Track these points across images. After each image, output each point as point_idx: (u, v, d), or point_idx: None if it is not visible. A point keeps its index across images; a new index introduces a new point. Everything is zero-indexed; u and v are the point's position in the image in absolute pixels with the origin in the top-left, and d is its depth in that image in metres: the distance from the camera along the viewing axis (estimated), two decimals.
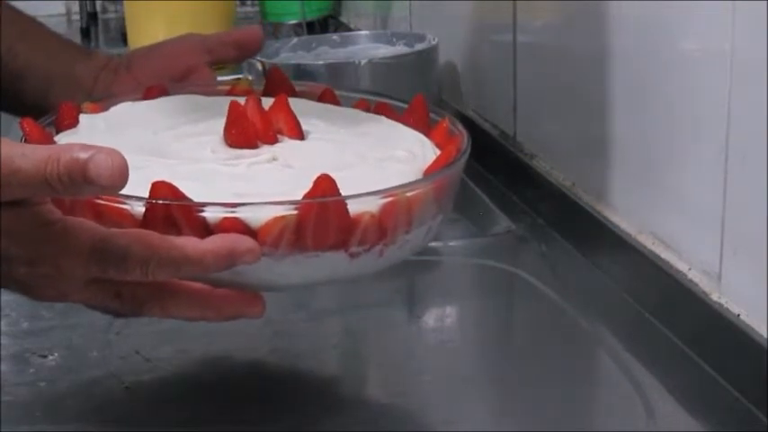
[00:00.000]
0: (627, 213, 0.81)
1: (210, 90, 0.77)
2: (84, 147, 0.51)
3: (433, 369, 0.70)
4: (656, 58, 0.75)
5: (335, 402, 0.67)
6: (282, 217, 0.56)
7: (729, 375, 0.65)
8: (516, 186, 0.99)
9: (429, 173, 0.63)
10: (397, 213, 0.58)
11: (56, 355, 0.72)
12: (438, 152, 0.66)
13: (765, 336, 0.63)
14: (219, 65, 0.83)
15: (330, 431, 0.63)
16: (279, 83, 0.76)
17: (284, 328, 0.75)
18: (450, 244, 0.90)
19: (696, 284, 0.70)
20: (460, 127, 0.68)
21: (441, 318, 0.81)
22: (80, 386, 0.68)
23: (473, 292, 0.86)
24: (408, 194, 0.59)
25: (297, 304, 0.77)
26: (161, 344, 0.72)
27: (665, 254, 0.75)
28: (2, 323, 0.75)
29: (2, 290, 0.57)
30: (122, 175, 0.51)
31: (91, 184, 0.50)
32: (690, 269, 0.72)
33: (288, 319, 0.76)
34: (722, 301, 0.68)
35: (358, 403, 0.66)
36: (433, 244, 0.88)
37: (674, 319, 0.71)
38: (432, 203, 0.61)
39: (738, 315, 0.66)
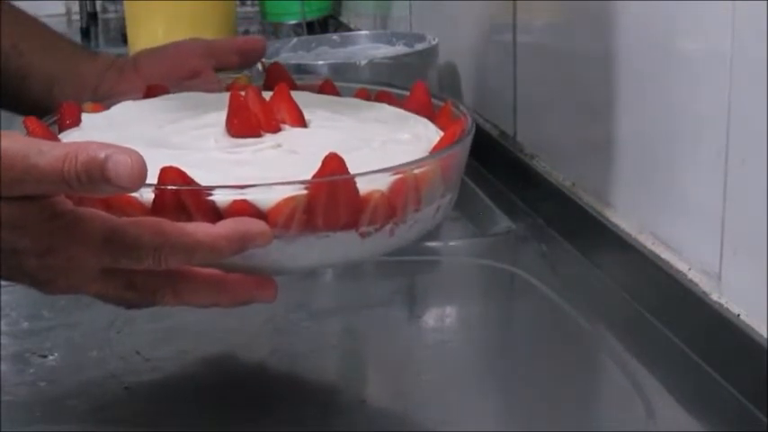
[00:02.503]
0: (627, 213, 0.81)
1: (211, 88, 0.77)
2: (102, 145, 0.51)
3: (432, 369, 0.70)
4: (657, 58, 0.75)
5: (335, 402, 0.67)
6: (293, 197, 0.56)
7: (729, 375, 0.65)
8: (516, 186, 0.99)
9: (435, 151, 0.63)
10: (406, 191, 0.59)
11: (56, 355, 0.71)
12: (442, 133, 0.66)
13: (765, 336, 0.63)
14: (222, 70, 0.83)
15: (330, 431, 0.63)
16: (279, 77, 0.76)
17: (284, 328, 0.75)
18: (451, 244, 0.90)
19: (696, 284, 0.70)
20: (463, 109, 0.68)
21: (441, 318, 0.81)
22: (80, 386, 0.68)
23: (473, 292, 0.86)
24: (416, 171, 0.59)
25: (297, 304, 0.77)
26: (161, 344, 0.72)
27: (665, 254, 0.75)
28: (2, 323, 0.75)
29: (2, 289, 0.57)
30: (141, 175, 0.51)
31: (109, 183, 0.51)
32: (690, 269, 0.72)
33: (288, 318, 0.76)
34: (722, 301, 0.68)
35: (358, 403, 0.66)
36: (433, 244, 0.88)
37: (674, 319, 0.71)
38: (439, 181, 0.61)
39: (738, 315, 0.66)
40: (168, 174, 0.56)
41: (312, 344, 0.74)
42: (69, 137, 0.67)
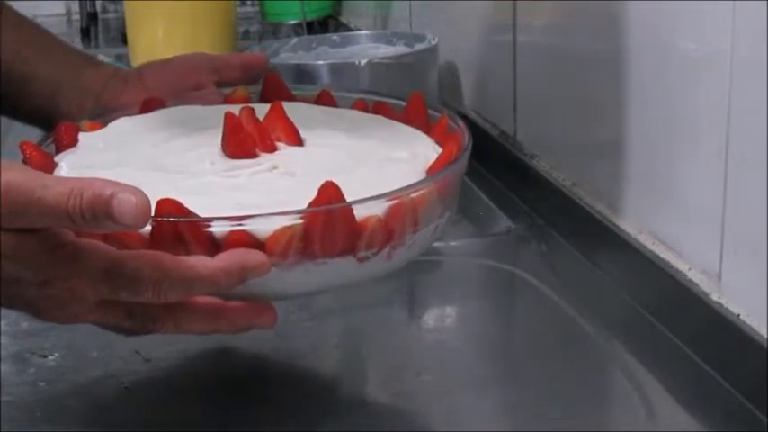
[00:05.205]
0: (627, 213, 0.81)
1: (210, 100, 0.77)
2: (107, 183, 0.52)
3: (433, 369, 0.70)
4: (657, 58, 0.75)
5: (336, 402, 0.67)
6: (289, 227, 0.56)
7: (729, 375, 0.65)
8: (516, 186, 0.99)
9: (431, 172, 0.63)
10: (402, 215, 0.59)
11: (56, 355, 0.72)
12: (439, 149, 0.66)
13: (765, 336, 0.63)
14: (225, 85, 0.84)
15: (330, 431, 0.63)
16: (275, 87, 0.76)
17: (285, 328, 0.75)
18: (451, 244, 0.89)
19: (696, 284, 0.70)
20: (460, 122, 0.68)
21: (441, 318, 0.81)
22: (80, 386, 0.68)
23: (473, 292, 0.86)
24: (413, 196, 0.59)
25: (298, 304, 0.77)
26: (161, 344, 0.72)
27: (665, 254, 0.75)
28: (2, 323, 0.75)
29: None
30: (145, 214, 0.51)
31: (113, 221, 0.51)
32: (690, 269, 0.72)
33: (289, 319, 0.76)
34: (722, 301, 0.68)
35: (358, 403, 0.66)
36: (433, 244, 0.88)
37: (674, 319, 0.71)
38: (437, 202, 0.61)
39: (738, 315, 0.66)
40: (165, 206, 0.56)
41: (312, 344, 0.74)
42: (66, 158, 0.67)
